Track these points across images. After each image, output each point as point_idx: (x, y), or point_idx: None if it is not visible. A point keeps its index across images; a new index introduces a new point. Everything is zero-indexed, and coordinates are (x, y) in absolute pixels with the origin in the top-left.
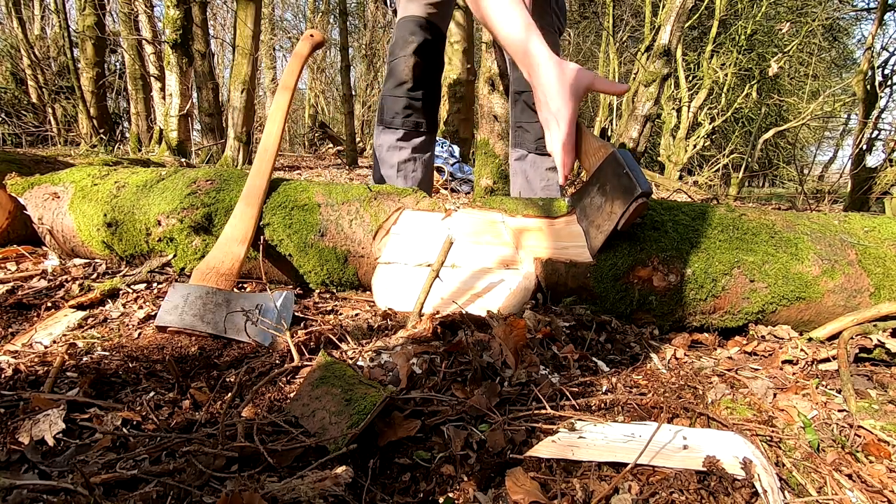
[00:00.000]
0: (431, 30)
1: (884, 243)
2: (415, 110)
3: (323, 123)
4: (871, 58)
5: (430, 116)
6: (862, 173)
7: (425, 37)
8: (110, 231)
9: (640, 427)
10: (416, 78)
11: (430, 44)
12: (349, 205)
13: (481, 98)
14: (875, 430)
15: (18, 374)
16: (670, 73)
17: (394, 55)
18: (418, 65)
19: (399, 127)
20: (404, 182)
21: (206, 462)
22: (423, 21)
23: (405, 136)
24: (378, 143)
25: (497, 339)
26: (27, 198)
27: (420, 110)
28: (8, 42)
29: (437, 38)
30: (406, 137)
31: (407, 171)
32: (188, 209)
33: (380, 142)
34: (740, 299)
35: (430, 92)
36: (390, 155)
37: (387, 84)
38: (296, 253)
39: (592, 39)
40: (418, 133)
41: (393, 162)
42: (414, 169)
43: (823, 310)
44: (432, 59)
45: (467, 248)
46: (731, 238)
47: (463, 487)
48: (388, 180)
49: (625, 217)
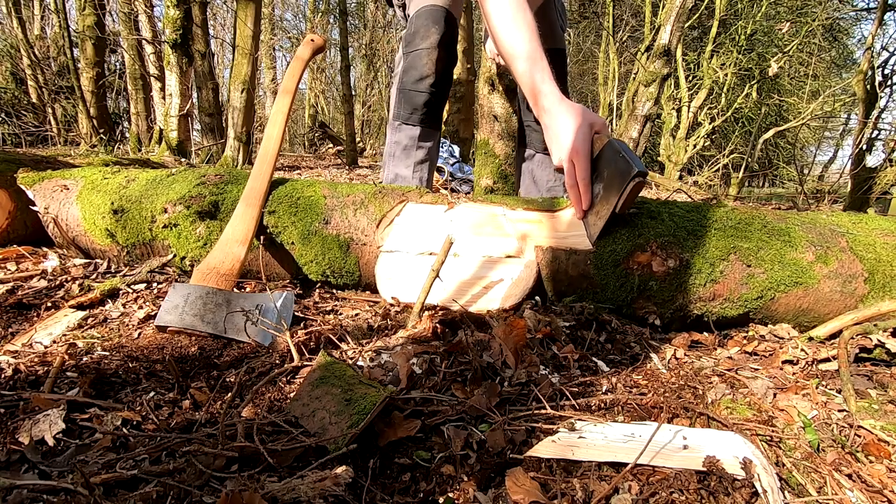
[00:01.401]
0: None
1: (871, 232)
2: (432, 107)
3: (323, 123)
4: (871, 58)
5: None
6: (862, 173)
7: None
8: (115, 218)
9: (640, 427)
10: (439, 72)
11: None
12: (354, 196)
13: (481, 98)
14: (875, 430)
15: (18, 374)
16: (670, 73)
17: (414, 46)
18: (441, 58)
19: (417, 124)
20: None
21: (206, 462)
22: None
23: (423, 135)
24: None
25: (497, 339)
26: (36, 189)
27: (437, 107)
28: (8, 42)
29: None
30: (424, 136)
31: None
32: (196, 197)
33: (396, 139)
34: (739, 285)
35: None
36: (407, 154)
37: (405, 77)
38: (298, 241)
39: (592, 39)
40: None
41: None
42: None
43: (821, 297)
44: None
45: (469, 239)
46: (725, 227)
47: (463, 487)
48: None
49: (622, 198)
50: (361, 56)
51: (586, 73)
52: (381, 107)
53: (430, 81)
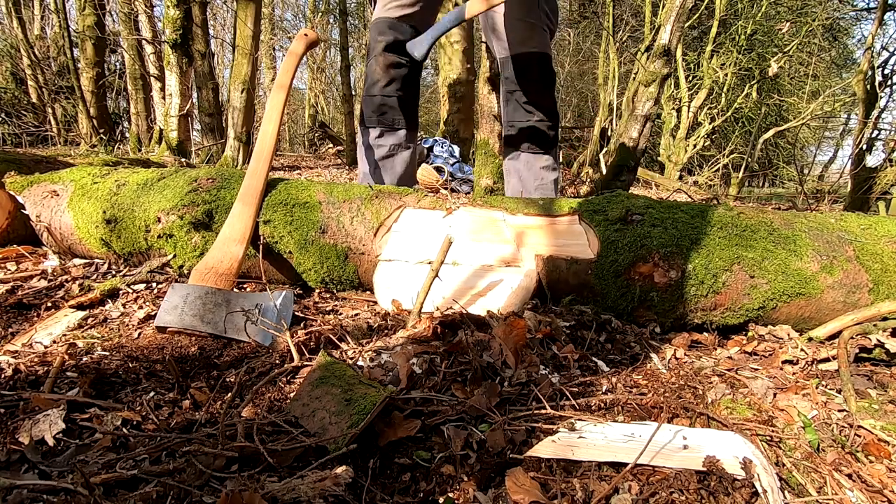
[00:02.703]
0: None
1: (880, 240)
2: (389, 108)
3: (323, 123)
4: (871, 58)
5: (407, 113)
6: (862, 173)
7: (395, 36)
8: (109, 228)
9: (640, 427)
10: (388, 75)
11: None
12: (350, 202)
13: (481, 98)
14: (875, 430)
15: (18, 374)
16: (670, 73)
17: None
18: (389, 63)
19: (375, 125)
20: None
21: (206, 462)
22: (393, 21)
23: (381, 134)
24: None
25: (497, 339)
26: (26, 196)
27: (395, 108)
28: (8, 42)
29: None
30: (382, 135)
31: (386, 166)
32: (189, 206)
33: (360, 140)
34: (741, 295)
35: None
36: (369, 154)
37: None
38: (296, 250)
39: (592, 39)
40: (394, 129)
41: (372, 160)
42: (393, 165)
43: (823, 306)
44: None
45: (468, 246)
46: (730, 235)
47: (463, 487)
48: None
49: None
50: (361, 56)
51: (586, 73)
52: None
53: (380, 85)
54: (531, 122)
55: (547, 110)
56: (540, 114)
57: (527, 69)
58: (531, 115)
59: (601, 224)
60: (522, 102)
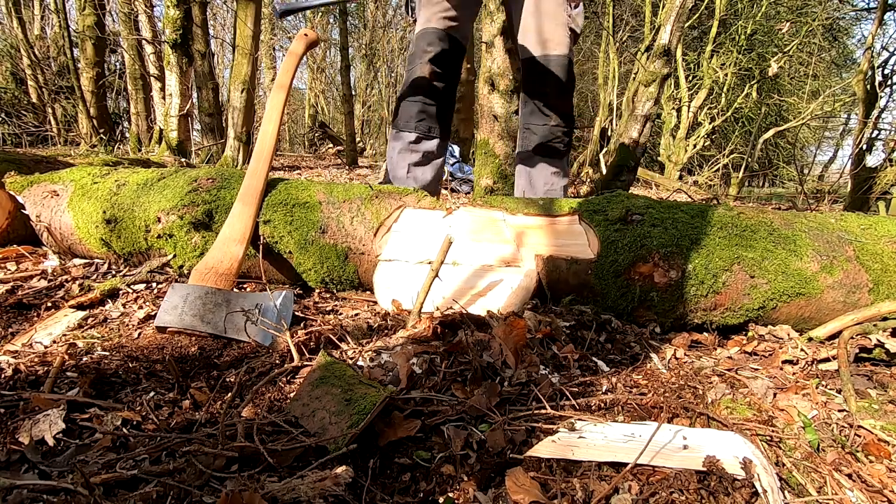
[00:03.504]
0: (450, 41)
1: (880, 240)
2: (428, 116)
3: (323, 123)
4: (871, 58)
5: (443, 123)
6: (862, 173)
7: (443, 47)
8: (109, 228)
9: (640, 427)
10: (432, 85)
11: (447, 54)
12: (351, 202)
13: (481, 98)
14: (875, 429)
15: (18, 374)
16: (670, 73)
17: (411, 64)
18: (434, 73)
19: (412, 130)
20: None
21: (206, 462)
22: (442, 33)
23: (417, 140)
24: (391, 145)
25: (497, 339)
26: (25, 196)
27: (433, 116)
28: (8, 42)
29: (454, 50)
30: (418, 141)
31: (416, 174)
32: (189, 206)
33: (392, 144)
34: (741, 295)
35: (444, 100)
36: (402, 157)
37: (403, 90)
38: (296, 250)
39: (592, 39)
40: (430, 137)
41: (404, 164)
42: (423, 171)
43: (823, 306)
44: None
45: (468, 246)
46: (730, 235)
47: (463, 487)
48: (398, 182)
49: None
50: (361, 56)
51: (586, 73)
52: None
53: (422, 93)
54: (548, 125)
55: (564, 115)
56: (557, 118)
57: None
58: (548, 119)
59: (601, 224)
60: (541, 107)
